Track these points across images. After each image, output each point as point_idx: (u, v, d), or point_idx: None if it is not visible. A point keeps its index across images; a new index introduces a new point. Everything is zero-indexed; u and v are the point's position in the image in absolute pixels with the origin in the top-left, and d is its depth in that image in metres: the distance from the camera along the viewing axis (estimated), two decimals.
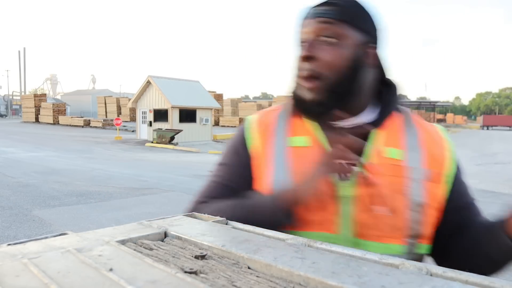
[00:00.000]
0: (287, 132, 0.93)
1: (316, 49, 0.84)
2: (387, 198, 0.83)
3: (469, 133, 36.51)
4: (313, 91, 0.85)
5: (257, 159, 0.93)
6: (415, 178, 0.84)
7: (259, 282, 0.45)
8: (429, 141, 0.90)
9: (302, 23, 0.89)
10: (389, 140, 0.88)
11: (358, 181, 0.83)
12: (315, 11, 0.86)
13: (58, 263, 0.48)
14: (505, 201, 7.37)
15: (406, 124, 0.92)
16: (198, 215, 0.79)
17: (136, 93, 21.86)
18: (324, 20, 0.84)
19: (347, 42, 0.84)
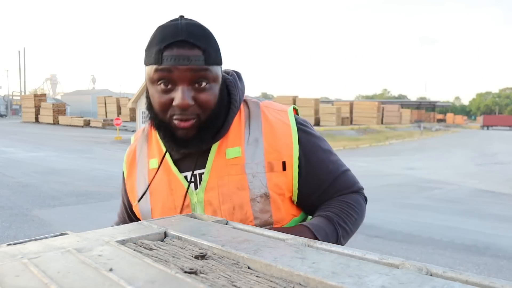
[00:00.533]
0: (147, 155, 1.06)
1: (191, 95, 0.88)
2: (231, 196, 0.94)
3: (469, 133, 36.50)
4: (190, 130, 0.90)
5: (129, 188, 1.09)
6: (254, 172, 0.94)
7: (259, 282, 0.45)
8: (272, 132, 0.97)
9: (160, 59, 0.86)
10: (230, 141, 0.97)
11: (204, 186, 0.95)
12: (181, 57, 0.85)
13: (58, 263, 0.48)
14: (505, 201, 7.36)
15: (251, 118, 0.99)
16: (198, 215, 0.79)
17: (136, 93, 21.85)
18: (196, 68, 0.86)
19: (216, 82, 0.92)
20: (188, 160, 0.98)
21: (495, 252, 4.46)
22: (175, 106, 0.88)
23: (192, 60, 0.86)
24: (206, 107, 0.90)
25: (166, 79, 0.87)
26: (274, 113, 1.01)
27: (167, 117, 0.90)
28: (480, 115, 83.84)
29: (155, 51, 0.87)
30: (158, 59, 0.87)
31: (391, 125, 37.47)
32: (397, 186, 8.66)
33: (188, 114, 0.88)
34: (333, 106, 34.95)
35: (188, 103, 0.87)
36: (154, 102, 0.92)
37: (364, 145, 19.13)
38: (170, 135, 0.92)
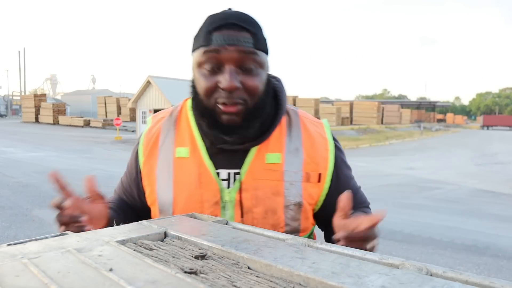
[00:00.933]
0: (173, 142, 0.99)
1: (239, 78, 0.85)
2: (265, 200, 0.92)
3: (469, 133, 36.50)
4: (235, 115, 0.87)
5: (145, 173, 1.01)
6: (292, 180, 0.93)
7: (259, 282, 0.45)
8: (311, 143, 0.97)
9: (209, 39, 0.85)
10: (271, 146, 0.95)
11: (238, 186, 0.92)
12: (231, 37, 0.84)
13: (58, 263, 0.48)
14: (505, 201, 7.36)
15: (291, 126, 0.98)
16: (198, 215, 0.79)
17: (136, 93, 21.86)
18: (244, 50, 0.84)
19: (264, 69, 0.90)
20: (223, 157, 0.94)
21: (495, 252, 4.46)
22: (220, 89, 0.85)
23: (241, 41, 0.84)
24: (254, 93, 0.87)
25: (213, 61, 0.85)
26: (312, 125, 1.01)
27: (212, 102, 0.87)
28: (480, 115, 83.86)
29: (204, 33, 0.86)
30: (206, 40, 0.85)
31: (391, 125, 37.48)
32: (397, 186, 8.66)
33: (235, 98, 0.85)
34: (333, 106, 34.97)
35: (235, 85, 0.84)
36: (199, 86, 0.89)
37: (364, 145, 19.13)
38: (215, 122, 0.88)
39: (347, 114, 36.34)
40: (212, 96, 0.87)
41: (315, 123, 1.02)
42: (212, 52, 0.84)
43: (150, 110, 21.25)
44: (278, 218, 0.92)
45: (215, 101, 0.87)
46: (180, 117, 1.02)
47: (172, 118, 1.03)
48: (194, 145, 0.96)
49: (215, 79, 0.86)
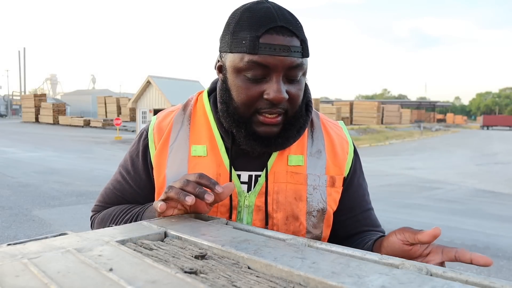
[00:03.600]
0: (188, 139, 0.91)
1: (285, 87, 0.79)
2: (286, 205, 0.87)
3: (469, 133, 36.49)
4: (274, 126, 0.82)
5: (156, 170, 0.92)
6: (316, 184, 0.88)
7: (259, 282, 0.45)
8: (333, 146, 0.93)
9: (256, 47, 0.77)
10: (293, 148, 0.90)
11: (258, 190, 0.87)
12: (282, 47, 0.76)
13: (58, 263, 0.48)
14: (505, 201, 7.36)
15: (313, 129, 0.94)
16: (198, 215, 0.79)
17: (136, 93, 21.85)
18: (295, 61, 0.78)
19: (305, 75, 0.84)
20: (243, 158, 0.89)
21: (495, 252, 4.46)
22: (265, 99, 0.79)
23: (292, 51, 0.77)
24: (296, 102, 0.82)
25: (259, 70, 0.78)
26: (333, 127, 0.97)
27: (251, 111, 0.81)
28: (480, 115, 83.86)
29: (250, 38, 0.77)
30: (253, 47, 0.76)
31: (391, 125, 37.47)
32: (397, 186, 8.66)
33: (279, 109, 0.80)
34: (333, 106, 34.99)
35: (284, 96, 0.78)
36: (238, 93, 0.81)
37: (364, 145, 19.13)
38: (253, 134, 0.82)
39: (347, 114, 36.34)
40: (253, 106, 0.80)
41: (335, 125, 0.99)
42: (259, 60, 0.77)
43: (150, 110, 21.24)
44: (299, 224, 0.87)
45: (255, 110, 0.81)
46: (195, 112, 0.94)
47: (186, 113, 0.95)
48: (213, 143, 0.89)
49: (259, 88, 0.79)
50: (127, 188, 0.96)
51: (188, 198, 0.70)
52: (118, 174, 0.99)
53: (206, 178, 0.75)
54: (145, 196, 0.95)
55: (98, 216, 0.98)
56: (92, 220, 1.01)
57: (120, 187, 0.97)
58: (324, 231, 0.91)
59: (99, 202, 1.01)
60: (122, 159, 1.00)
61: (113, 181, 1.00)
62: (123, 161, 0.99)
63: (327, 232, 0.92)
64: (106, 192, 1.00)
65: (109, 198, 0.99)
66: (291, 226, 0.87)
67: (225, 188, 0.75)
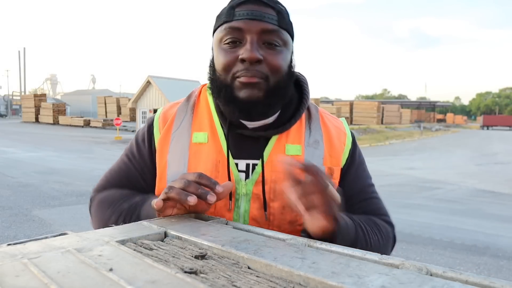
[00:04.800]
0: (190, 127, 0.93)
1: (261, 52, 0.82)
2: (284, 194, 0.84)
3: (469, 133, 36.49)
4: (255, 91, 0.82)
5: (159, 154, 0.94)
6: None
7: (259, 282, 0.45)
8: (330, 137, 0.94)
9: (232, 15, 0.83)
10: (291, 137, 0.91)
11: (255, 178, 0.87)
12: (255, 12, 0.82)
13: (58, 263, 0.48)
14: (505, 201, 7.36)
15: (311, 120, 0.95)
16: (198, 215, 0.79)
17: (136, 93, 21.87)
18: (269, 26, 0.82)
19: (288, 49, 0.86)
20: (242, 146, 0.90)
21: (495, 252, 4.46)
22: (240, 60, 0.81)
23: (266, 17, 0.81)
24: (276, 69, 0.83)
25: (234, 35, 0.82)
26: (332, 120, 0.99)
27: (230, 76, 0.83)
28: (480, 115, 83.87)
29: (227, 9, 0.84)
30: (229, 15, 0.83)
31: (391, 125, 37.47)
32: (397, 186, 8.65)
33: (256, 71, 0.81)
34: (333, 106, 35.00)
35: (256, 55, 0.80)
36: (218, 62, 0.85)
37: (364, 145, 19.13)
38: (232, 98, 0.83)
39: (347, 114, 36.35)
40: (231, 70, 0.83)
41: (334, 118, 1.01)
42: (234, 27, 0.82)
43: (150, 110, 21.25)
44: (296, 215, 0.86)
45: (234, 75, 0.83)
46: (199, 101, 0.98)
47: (190, 102, 0.98)
48: (213, 131, 0.91)
49: (236, 52, 0.82)
50: (132, 170, 0.98)
51: (190, 199, 0.71)
52: (124, 156, 1.01)
53: (206, 178, 0.75)
54: (148, 180, 0.96)
55: (99, 196, 0.98)
56: (91, 199, 1.00)
57: (125, 168, 0.99)
58: None
59: (102, 181, 1.02)
60: (129, 143, 1.03)
61: (118, 162, 1.01)
62: (129, 145, 1.02)
63: None
64: (110, 172, 1.01)
65: (113, 179, 1.00)
66: (287, 215, 0.87)
67: (224, 187, 0.76)
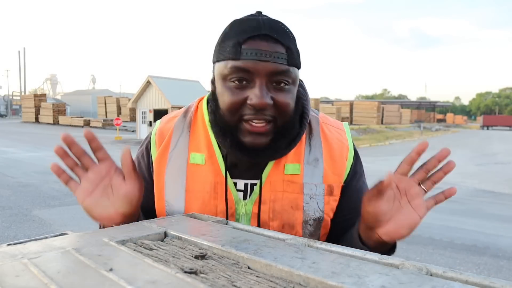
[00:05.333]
0: (187, 146, 0.91)
1: (270, 94, 0.78)
2: (283, 213, 0.86)
3: (469, 133, 36.48)
4: (263, 136, 0.80)
5: (156, 174, 0.92)
6: (313, 193, 0.87)
7: (259, 282, 0.45)
8: (331, 153, 0.91)
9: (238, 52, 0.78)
10: (290, 156, 0.88)
11: (254, 198, 0.87)
12: (263, 52, 0.77)
13: (58, 263, 0.48)
14: (505, 201, 7.36)
15: (312, 136, 0.92)
16: (198, 215, 0.79)
17: (136, 93, 21.86)
18: (279, 67, 0.78)
19: (295, 85, 0.83)
20: (240, 167, 0.89)
21: (495, 252, 4.46)
22: (249, 106, 0.78)
23: (275, 57, 0.77)
24: (285, 111, 0.80)
25: (242, 75, 0.78)
26: (334, 132, 0.95)
27: (236, 119, 0.80)
28: (480, 115, 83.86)
29: (232, 44, 0.78)
30: (236, 53, 0.77)
31: (391, 125, 37.47)
32: None
33: (264, 115, 0.78)
34: (333, 106, 35.03)
35: (267, 101, 0.76)
36: (223, 100, 0.81)
37: (364, 145, 19.12)
38: (238, 143, 0.81)
39: (347, 114, 36.36)
40: (238, 112, 0.79)
41: (336, 129, 0.96)
42: (241, 66, 0.77)
43: (150, 110, 21.25)
44: (295, 233, 0.87)
45: (240, 117, 0.79)
46: (196, 119, 0.94)
47: (187, 120, 0.95)
48: (211, 152, 0.89)
49: (243, 94, 0.78)
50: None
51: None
52: None
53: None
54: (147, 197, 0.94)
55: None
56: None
57: None
58: (321, 238, 0.91)
59: None
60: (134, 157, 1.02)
61: None
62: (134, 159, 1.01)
63: (324, 238, 0.92)
64: None
65: None
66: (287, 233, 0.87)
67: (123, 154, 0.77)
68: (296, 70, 0.82)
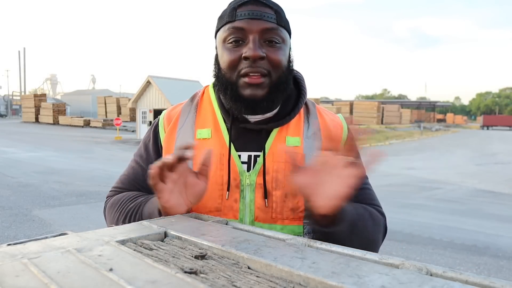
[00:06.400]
0: (194, 124, 0.99)
1: (263, 49, 0.88)
2: (286, 182, 0.92)
3: (469, 133, 36.48)
4: (259, 88, 0.88)
5: (165, 152, 0.99)
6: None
7: (259, 282, 0.45)
8: (327, 131, 0.99)
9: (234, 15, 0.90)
10: (291, 130, 0.96)
11: (258, 169, 0.92)
12: (255, 12, 0.88)
13: (58, 263, 0.48)
14: (505, 201, 7.36)
15: (309, 114, 1.01)
16: (198, 215, 0.79)
17: (136, 93, 21.86)
18: (269, 24, 0.88)
19: (286, 45, 0.93)
20: (244, 139, 0.95)
21: (495, 252, 4.46)
22: (244, 58, 0.87)
23: (265, 16, 0.88)
24: (278, 65, 0.89)
25: (237, 34, 0.88)
26: (329, 115, 1.04)
27: (235, 74, 0.89)
28: (480, 115, 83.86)
29: (229, 10, 0.91)
30: (232, 16, 0.89)
31: (391, 125, 37.47)
32: (397, 186, 8.66)
33: (259, 68, 0.87)
34: (333, 106, 35.06)
35: (259, 53, 0.86)
36: (223, 60, 0.91)
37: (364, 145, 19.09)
38: (237, 96, 0.89)
39: (347, 114, 36.35)
40: (236, 68, 0.89)
41: (331, 114, 1.05)
42: (236, 27, 0.88)
43: (150, 110, 21.26)
44: (298, 202, 0.91)
45: (239, 73, 0.88)
46: (202, 100, 1.03)
47: (194, 102, 1.03)
48: (217, 126, 0.97)
49: (239, 51, 0.88)
50: (139, 171, 1.02)
51: (169, 156, 0.76)
52: (132, 161, 1.07)
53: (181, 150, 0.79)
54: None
55: (110, 201, 1.02)
56: (105, 205, 1.06)
57: (133, 171, 1.04)
58: None
59: (114, 188, 1.07)
60: (137, 149, 1.08)
61: (128, 167, 1.07)
62: (137, 149, 1.07)
63: None
64: (120, 178, 1.06)
65: (123, 183, 1.05)
66: (289, 203, 0.91)
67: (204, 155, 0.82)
68: (286, 32, 0.93)
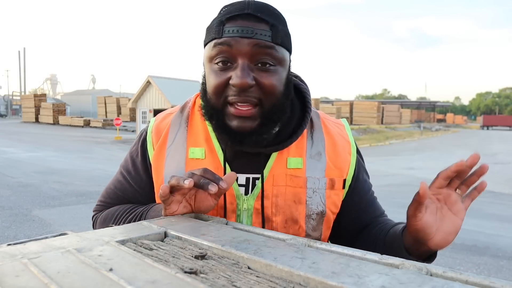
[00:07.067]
0: (185, 141, 0.90)
1: (254, 75, 0.76)
2: (286, 208, 0.86)
3: (469, 133, 36.47)
4: (249, 120, 0.78)
5: (155, 171, 0.91)
6: (316, 187, 0.87)
7: (259, 282, 0.45)
8: (334, 147, 0.90)
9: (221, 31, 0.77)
10: (292, 150, 0.88)
11: (256, 193, 0.85)
12: (245, 29, 0.75)
13: (58, 263, 0.48)
14: (505, 201, 7.36)
15: (313, 130, 0.91)
16: (198, 215, 0.79)
17: (136, 93, 21.85)
18: (260, 43, 0.76)
19: (283, 66, 0.80)
20: (241, 161, 0.87)
21: (495, 252, 4.46)
22: (231, 86, 0.76)
23: (257, 33, 0.75)
24: (270, 92, 0.77)
25: (225, 55, 0.76)
26: (334, 127, 0.95)
27: (222, 101, 0.78)
28: (480, 115, 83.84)
29: (216, 24, 0.78)
30: (218, 32, 0.77)
31: (391, 125, 37.46)
32: (397, 186, 8.66)
33: (248, 97, 0.76)
34: (333, 106, 35.03)
35: (247, 81, 0.74)
36: (209, 83, 0.80)
37: (364, 145, 19.12)
38: (224, 127, 0.79)
39: (347, 114, 36.36)
40: (222, 94, 0.78)
41: (336, 124, 0.96)
42: (223, 44, 0.76)
43: (150, 110, 21.25)
44: (299, 228, 0.86)
45: (225, 100, 0.78)
46: (193, 114, 0.93)
47: (184, 115, 0.94)
48: (210, 146, 0.88)
49: (226, 75, 0.77)
50: (128, 188, 0.96)
51: (186, 181, 0.70)
52: (119, 174, 0.99)
53: (210, 173, 0.75)
54: (146, 195, 0.95)
55: (101, 216, 0.98)
56: (94, 220, 1.01)
57: (121, 186, 0.97)
58: (324, 233, 0.90)
59: (100, 202, 1.01)
60: (123, 160, 1.01)
61: (114, 181, 1.00)
62: (124, 162, 0.99)
63: (327, 233, 0.92)
64: (107, 191, 1.00)
65: (111, 197, 0.99)
66: (290, 229, 0.86)
67: (227, 178, 0.76)
68: (284, 50, 0.80)
